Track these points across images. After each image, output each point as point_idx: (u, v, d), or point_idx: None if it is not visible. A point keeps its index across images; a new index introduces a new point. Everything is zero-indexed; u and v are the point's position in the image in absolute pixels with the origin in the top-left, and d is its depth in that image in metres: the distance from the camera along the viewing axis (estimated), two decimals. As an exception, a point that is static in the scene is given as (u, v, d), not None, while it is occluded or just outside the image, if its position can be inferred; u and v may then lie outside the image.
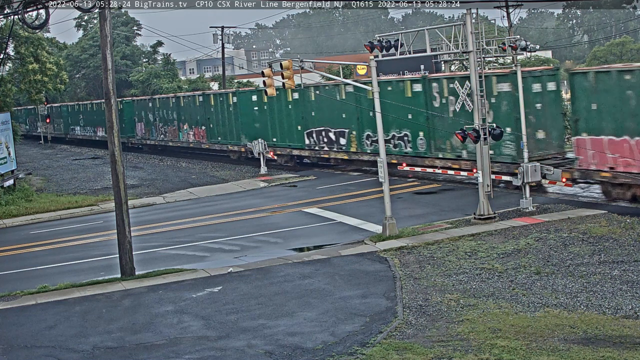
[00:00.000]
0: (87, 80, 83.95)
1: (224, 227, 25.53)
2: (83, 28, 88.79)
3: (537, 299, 15.04)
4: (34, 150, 65.04)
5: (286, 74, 22.31)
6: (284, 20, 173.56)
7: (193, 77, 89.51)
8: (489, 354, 12.13)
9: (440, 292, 15.98)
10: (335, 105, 34.70)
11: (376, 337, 13.47)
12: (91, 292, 18.23)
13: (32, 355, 14.13)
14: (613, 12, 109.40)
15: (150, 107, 54.02)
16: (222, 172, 40.37)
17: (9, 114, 36.02)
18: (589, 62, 68.71)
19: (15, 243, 25.95)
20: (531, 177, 23.36)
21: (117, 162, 19.59)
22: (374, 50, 22.15)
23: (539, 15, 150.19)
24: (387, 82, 31.84)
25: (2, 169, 33.51)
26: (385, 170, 21.88)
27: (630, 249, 18.12)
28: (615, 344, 12.33)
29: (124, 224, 19.64)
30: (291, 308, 15.64)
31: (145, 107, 54.87)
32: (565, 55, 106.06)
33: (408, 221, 23.20)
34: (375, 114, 22.54)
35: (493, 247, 19.38)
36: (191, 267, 19.98)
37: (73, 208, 31.76)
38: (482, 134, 22.09)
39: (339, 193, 30.06)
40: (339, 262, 19.22)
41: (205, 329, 14.78)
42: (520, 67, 24.62)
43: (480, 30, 22.47)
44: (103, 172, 43.31)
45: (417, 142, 30.39)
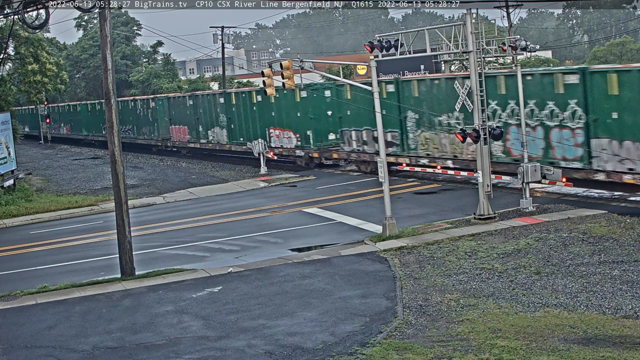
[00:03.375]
0: (87, 80, 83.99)
1: (224, 227, 25.54)
2: (83, 28, 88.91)
3: (537, 299, 15.04)
4: (34, 150, 65.06)
5: (286, 74, 22.31)
6: (284, 20, 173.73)
7: (193, 77, 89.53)
8: (489, 354, 12.13)
9: (440, 292, 15.98)
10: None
11: (376, 337, 13.47)
12: (91, 292, 18.24)
13: (32, 355, 14.13)
14: (613, 12, 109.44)
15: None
16: (222, 172, 40.38)
17: (9, 114, 36.03)
18: (589, 62, 68.65)
19: (15, 243, 25.95)
20: (531, 177, 23.36)
21: (117, 162, 19.59)
22: (374, 50, 22.16)
23: (539, 15, 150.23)
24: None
25: (2, 169, 33.51)
26: (385, 170, 21.88)
27: (630, 249, 18.13)
28: (615, 344, 12.33)
29: (124, 224, 19.65)
30: (291, 308, 15.64)
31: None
32: (565, 55, 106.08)
33: (408, 221, 23.20)
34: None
35: (493, 247, 19.38)
36: (191, 267, 19.98)
37: (73, 208, 31.77)
38: (482, 134, 22.11)
39: (339, 193, 30.07)
40: (339, 262, 19.22)
41: (205, 329, 14.79)
42: (520, 67, 24.63)
43: (480, 30, 22.47)
44: (103, 172, 43.32)
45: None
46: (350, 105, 33.61)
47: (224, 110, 44.10)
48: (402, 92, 30.99)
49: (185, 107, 48.92)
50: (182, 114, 49.49)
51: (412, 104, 30.55)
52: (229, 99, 43.67)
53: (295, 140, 38.44)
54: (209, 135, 46.25)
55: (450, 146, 29.04)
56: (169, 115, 51.22)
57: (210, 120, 45.74)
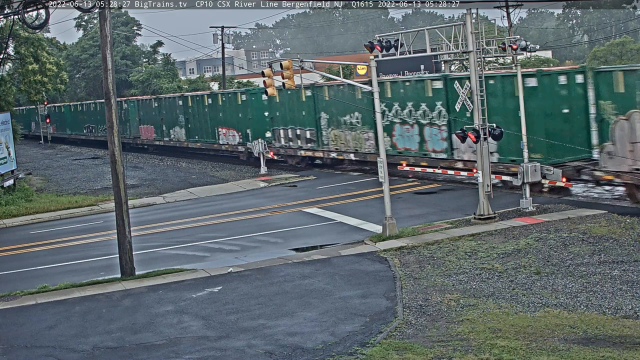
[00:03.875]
0: (87, 80, 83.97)
1: (224, 227, 25.54)
2: (83, 28, 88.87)
3: (537, 299, 15.04)
4: (34, 150, 65.04)
5: (286, 74, 22.31)
6: (284, 20, 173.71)
7: (193, 77, 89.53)
8: (489, 354, 12.13)
9: (440, 292, 15.98)
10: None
11: (376, 337, 13.47)
12: (91, 292, 18.24)
13: (32, 355, 14.13)
14: (613, 12, 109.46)
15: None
16: (222, 172, 40.39)
17: (9, 114, 36.03)
18: (589, 62, 68.65)
19: (15, 243, 25.95)
20: (531, 177, 23.36)
21: (117, 162, 19.58)
22: (374, 50, 22.14)
23: (539, 15, 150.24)
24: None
25: (2, 169, 33.52)
26: (385, 170, 21.88)
27: (630, 249, 18.13)
28: (615, 344, 12.33)
29: (124, 224, 19.64)
30: (291, 308, 15.64)
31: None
32: (565, 55, 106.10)
33: (408, 221, 23.20)
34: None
35: (493, 247, 19.38)
36: (191, 267, 19.98)
37: (73, 208, 31.76)
38: (482, 134, 22.11)
39: (339, 193, 30.07)
40: (339, 262, 19.22)
41: (205, 329, 14.79)
42: (520, 67, 24.63)
43: (480, 30, 22.47)
44: (103, 172, 43.32)
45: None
46: (280, 107, 38.85)
47: (183, 112, 48.82)
48: (316, 96, 36.10)
49: (151, 109, 53.34)
50: (149, 115, 54.01)
51: (324, 106, 35.89)
52: (186, 101, 48.37)
53: (238, 137, 43.05)
54: (170, 134, 50.99)
55: (352, 142, 34.59)
56: (139, 115, 55.59)
57: (172, 120, 50.39)
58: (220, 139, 44.76)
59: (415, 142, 30.68)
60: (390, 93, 31.55)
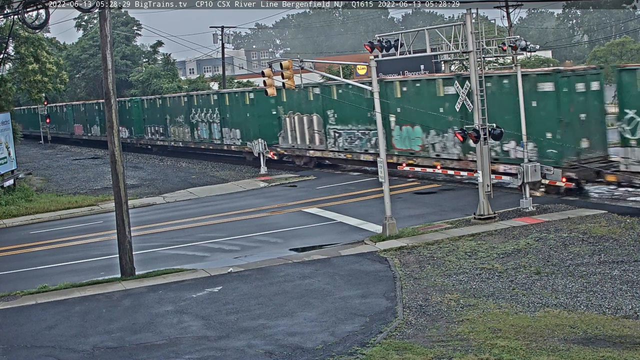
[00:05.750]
0: (87, 80, 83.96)
1: (224, 227, 25.54)
2: (83, 28, 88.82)
3: (537, 299, 15.04)
4: (34, 150, 65.03)
5: (286, 74, 22.30)
6: (284, 20, 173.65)
7: (193, 77, 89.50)
8: (489, 354, 12.13)
9: (440, 292, 15.98)
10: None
11: (376, 337, 13.47)
12: (91, 292, 18.24)
13: (32, 355, 14.13)
14: (613, 12, 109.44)
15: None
16: (222, 172, 40.38)
17: (9, 114, 36.02)
18: (589, 62, 68.62)
19: (15, 243, 25.95)
20: (531, 177, 23.36)
21: (117, 162, 19.58)
22: (374, 50, 22.16)
23: (539, 15, 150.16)
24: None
25: (2, 169, 33.52)
26: (385, 170, 21.88)
27: (630, 249, 18.13)
28: (615, 344, 12.33)
29: (124, 224, 19.64)
30: (291, 308, 15.64)
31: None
32: (565, 55, 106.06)
33: (408, 221, 23.20)
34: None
35: (493, 247, 19.38)
36: (191, 267, 19.98)
37: (73, 208, 31.76)
38: (482, 134, 22.11)
39: (339, 193, 30.07)
40: (339, 262, 19.22)
41: (205, 329, 14.79)
42: (520, 67, 24.63)
43: (480, 30, 22.48)
44: (103, 172, 43.31)
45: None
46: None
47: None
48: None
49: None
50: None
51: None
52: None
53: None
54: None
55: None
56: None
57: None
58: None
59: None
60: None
